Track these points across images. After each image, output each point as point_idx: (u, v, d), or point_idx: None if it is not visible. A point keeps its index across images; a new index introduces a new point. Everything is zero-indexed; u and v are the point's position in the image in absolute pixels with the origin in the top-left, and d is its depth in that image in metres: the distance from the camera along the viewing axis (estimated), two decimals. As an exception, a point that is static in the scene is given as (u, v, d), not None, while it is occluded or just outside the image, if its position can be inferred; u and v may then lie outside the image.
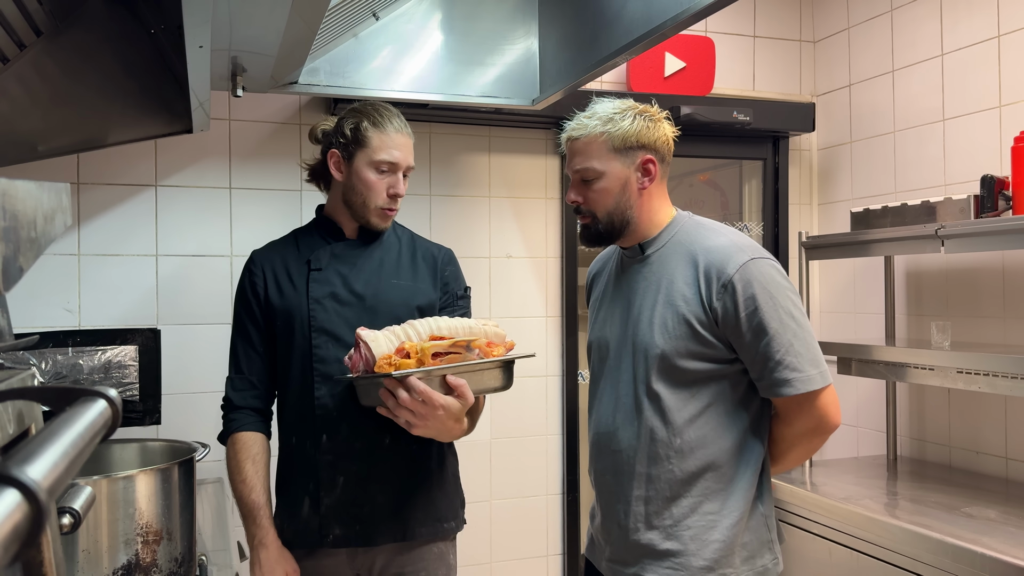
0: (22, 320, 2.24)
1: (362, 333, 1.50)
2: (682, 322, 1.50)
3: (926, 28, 2.73)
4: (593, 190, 1.56)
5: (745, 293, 1.46)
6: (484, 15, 2.42)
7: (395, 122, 1.68)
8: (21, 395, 0.63)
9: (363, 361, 1.49)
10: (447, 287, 1.78)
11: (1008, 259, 2.46)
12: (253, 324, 1.69)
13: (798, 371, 1.46)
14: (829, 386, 1.49)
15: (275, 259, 1.72)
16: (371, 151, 1.64)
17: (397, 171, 1.67)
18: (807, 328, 1.49)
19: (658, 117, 1.58)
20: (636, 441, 1.54)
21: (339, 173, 1.69)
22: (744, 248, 1.51)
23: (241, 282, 1.73)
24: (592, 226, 1.60)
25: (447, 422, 1.51)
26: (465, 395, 1.51)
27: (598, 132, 1.54)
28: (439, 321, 1.56)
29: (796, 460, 1.60)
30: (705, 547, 1.50)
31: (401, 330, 1.53)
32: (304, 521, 1.64)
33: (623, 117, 1.55)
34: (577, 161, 1.57)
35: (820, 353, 1.50)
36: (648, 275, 1.58)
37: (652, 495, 1.53)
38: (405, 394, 1.46)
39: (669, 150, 1.59)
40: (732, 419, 1.52)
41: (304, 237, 1.76)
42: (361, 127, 1.65)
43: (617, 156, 1.55)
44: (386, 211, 1.69)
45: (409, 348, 1.49)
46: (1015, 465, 2.44)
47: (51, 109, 1.81)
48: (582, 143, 1.56)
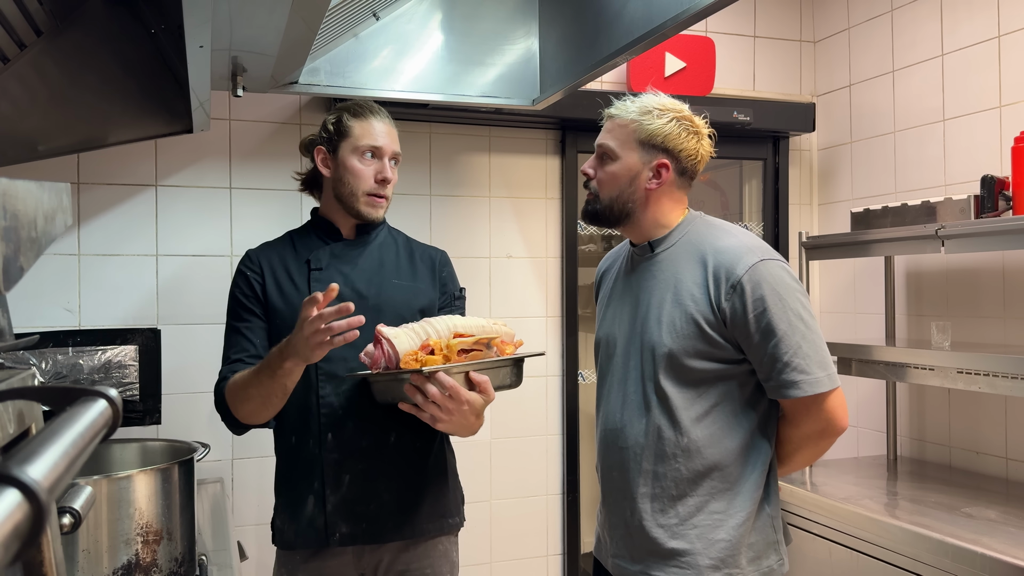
0: (22, 320, 2.24)
1: (383, 330, 1.50)
2: (690, 322, 1.50)
3: (926, 28, 2.73)
4: (605, 170, 1.60)
5: (754, 294, 1.46)
6: (484, 15, 2.42)
7: (376, 112, 1.71)
8: (21, 395, 0.63)
9: (385, 358, 1.50)
10: (445, 287, 1.79)
11: (1008, 259, 2.46)
12: (251, 318, 1.67)
13: (806, 373, 1.46)
14: (837, 388, 1.50)
15: (273, 258, 1.71)
16: (354, 139, 1.67)
17: (383, 156, 1.69)
18: (816, 330, 1.49)
19: (700, 130, 1.60)
20: (644, 438, 1.55)
21: (327, 168, 1.71)
22: (754, 249, 1.51)
23: (236, 278, 1.71)
24: (593, 204, 1.63)
25: (469, 417, 1.53)
26: (487, 391, 1.53)
27: (631, 119, 1.57)
28: (455, 319, 1.59)
29: (803, 462, 1.61)
30: (711, 546, 1.50)
31: (420, 328, 1.54)
32: (309, 520, 1.63)
33: (660, 115, 1.56)
34: (604, 136, 1.61)
35: (828, 355, 1.50)
36: (657, 274, 1.59)
37: (658, 492, 1.53)
38: (435, 389, 1.47)
39: (694, 164, 1.59)
40: (739, 419, 1.52)
41: (300, 238, 1.75)
42: (342, 119, 1.69)
43: (638, 148, 1.57)
44: (375, 197, 1.68)
45: (434, 345, 1.51)
46: (1015, 465, 2.44)
47: (51, 109, 1.81)
48: (615, 123, 1.60)
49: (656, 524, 1.53)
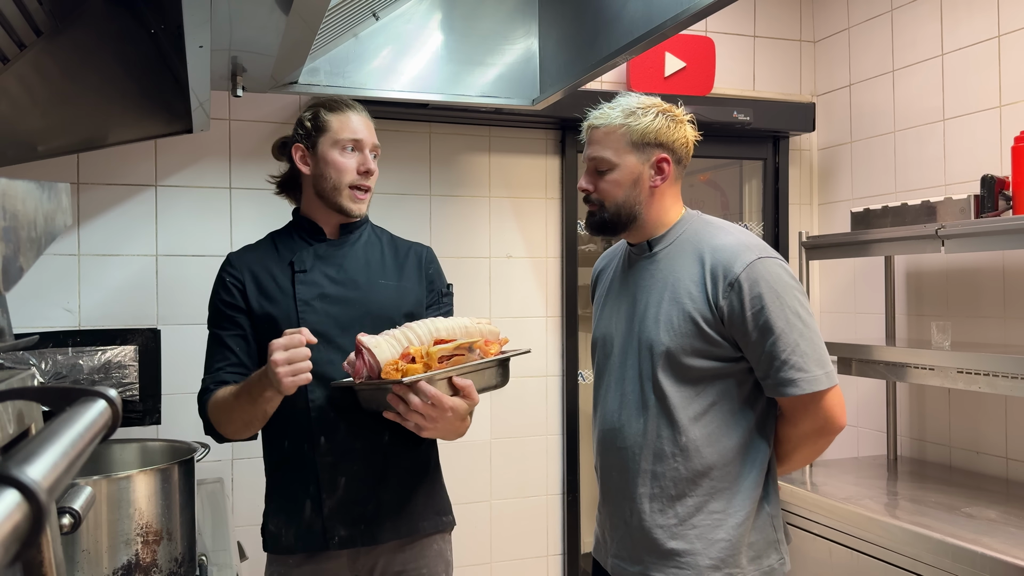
0: (22, 320, 2.24)
1: (363, 339, 1.48)
2: (688, 320, 1.50)
3: (926, 28, 2.73)
4: (605, 180, 1.57)
5: (752, 292, 1.45)
6: (484, 15, 2.42)
7: (352, 106, 1.70)
8: (21, 395, 0.63)
9: (367, 367, 1.49)
10: (432, 284, 1.77)
11: (1008, 259, 2.46)
12: (231, 326, 1.64)
13: (804, 371, 1.45)
14: (835, 387, 1.49)
15: (254, 262, 1.68)
16: (333, 133, 1.66)
17: (363, 149, 1.67)
18: (814, 328, 1.49)
19: (681, 119, 1.59)
20: (642, 438, 1.54)
21: (306, 166, 1.68)
22: (751, 247, 1.50)
23: (216, 285, 1.68)
24: (598, 214, 1.60)
25: (454, 422, 1.52)
26: (471, 396, 1.52)
27: (618, 124, 1.56)
28: (436, 323, 1.56)
29: (802, 461, 1.60)
30: (711, 546, 1.49)
31: (401, 335, 1.52)
32: (306, 525, 1.62)
33: (645, 113, 1.55)
34: (594, 150, 1.59)
35: (826, 353, 1.50)
36: (655, 272, 1.58)
37: (657, 492, 1.53)
38: (417, 399, 1.46)
39: (687, 152, 1.60)
40: (737, 418, 1.52)
41: (283, 239, 1.72)
42: (319, 115, 1.67)
43: (633, 150, 1.56)
44: (358, 191, 1.67)
45: (415, 353, 1.49)
46: (1015, 465, 2.44)
47: (51, 109, 1.81)
48: (602, 132, 1.58)
49: (655, 524, 1.53)
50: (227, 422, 1.58)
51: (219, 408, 1.58)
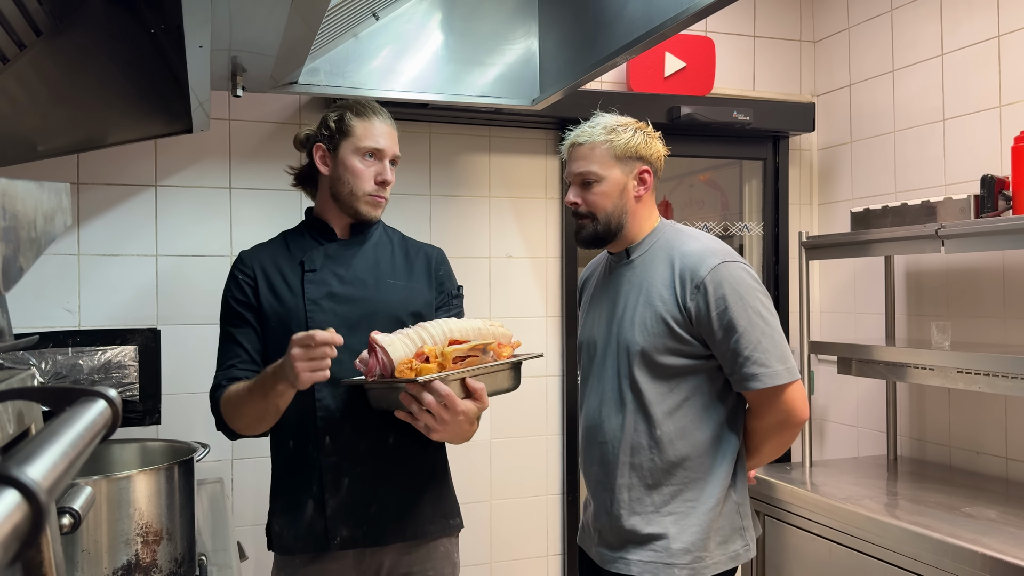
0: (22, 320, 2.24)
1: (377, 337, 1.48)
2: (660, 321, 1.62)
3: (926, 28, 2.73)
4: (593, 193, 1.70)
5: (716, 293, 1.58)
6: (484, 15, 2.42)
7: (378, 112, 1.70)
8: (21, 395, 0.63)
9: (380, 366, 1.48)
10: (442, 286, 1.77)
11: (1008, 259, 2.46)
12: (243, 323, 1.65)
13: (765, 366, 1.57)
14: (796, 381, 1.61)
15: (266, 260, 1.69)
16: (356, 139, 1.66)
17: (383, 159, 1.68)
18: (775, 326, 1.61)
19: (653, 135, 1.74)
20: (620, 433, 1.66)
21: (325, 167, 1.69)
22: (716, 252, 1.63)
23: (229, 283, 1.69)
24: (590, 227, 1.72)
25: (464, 425, 1.52)
26: (483, 399, 1.53)
27: (602, 139, 1.69)
28: (450, 323, 1.56)
29: (770, 454, 1.72)
30: (684, 531, 1.61)
31: (415, 334, 1.52)
32: (308, 525, 1.62)
33: (625, 130, 1.70)
34: (580, 165, 1.71)
35: (788, 350, 1.62)
36: (632, 277, 1.71)
37: (635, 483, 1.65)
38: (431, 398, 1.46)
39: (661, 165, 1.75)
40: (709, 412, 1.64)
41: (294, 238, 1.73)
42: (345, 118, 1.67)
43: (618, 163, 1.69)
44: (375, 198, 1.67)
45: (429, 352, 1.49)
46: (1015, 465, 2.44)
47: (51, 109, 1.81)
48: (586, 148, 1.70)
49: (633, 512, 1.65)
50: (239, 416, 1.58)
51: (232, 403, 1.58)
